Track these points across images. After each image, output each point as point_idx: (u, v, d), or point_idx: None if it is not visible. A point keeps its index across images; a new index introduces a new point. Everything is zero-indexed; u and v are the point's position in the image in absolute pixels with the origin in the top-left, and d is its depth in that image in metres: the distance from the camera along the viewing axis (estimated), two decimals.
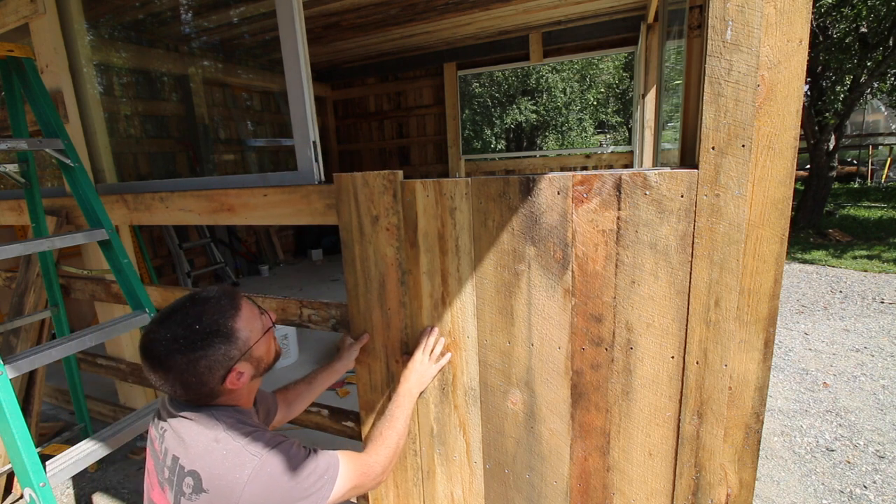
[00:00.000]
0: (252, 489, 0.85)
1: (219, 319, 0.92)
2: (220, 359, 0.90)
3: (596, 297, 1.19)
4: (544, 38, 5.22)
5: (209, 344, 0.89)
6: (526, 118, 14.17)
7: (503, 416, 1.40)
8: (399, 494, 1.66)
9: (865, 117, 14.60)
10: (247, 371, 0.95)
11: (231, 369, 0.92)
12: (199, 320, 0.90)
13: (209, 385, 0.91)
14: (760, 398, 1.10)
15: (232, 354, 0.92)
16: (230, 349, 0.92)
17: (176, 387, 0.90)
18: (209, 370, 0.90)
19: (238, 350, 0.93)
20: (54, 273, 2.19)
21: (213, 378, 0.91)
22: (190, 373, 0.89)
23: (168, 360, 0.88)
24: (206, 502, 0.86)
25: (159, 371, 0.89)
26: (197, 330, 0.89)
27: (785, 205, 1.00)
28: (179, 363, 0.88)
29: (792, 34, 0.93)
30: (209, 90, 5.28)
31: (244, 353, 0.94)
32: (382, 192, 1.41)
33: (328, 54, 5.50)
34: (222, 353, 0.91)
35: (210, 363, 0.89)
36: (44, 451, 2.27)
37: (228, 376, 0.92)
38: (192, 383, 0.90)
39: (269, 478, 0.87)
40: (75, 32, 2.16)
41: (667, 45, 2.49)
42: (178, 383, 0.90)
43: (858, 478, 2.10)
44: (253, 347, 0.96)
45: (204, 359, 0.89)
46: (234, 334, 0.93)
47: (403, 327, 1.49)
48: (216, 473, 0.86)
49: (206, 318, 0.91)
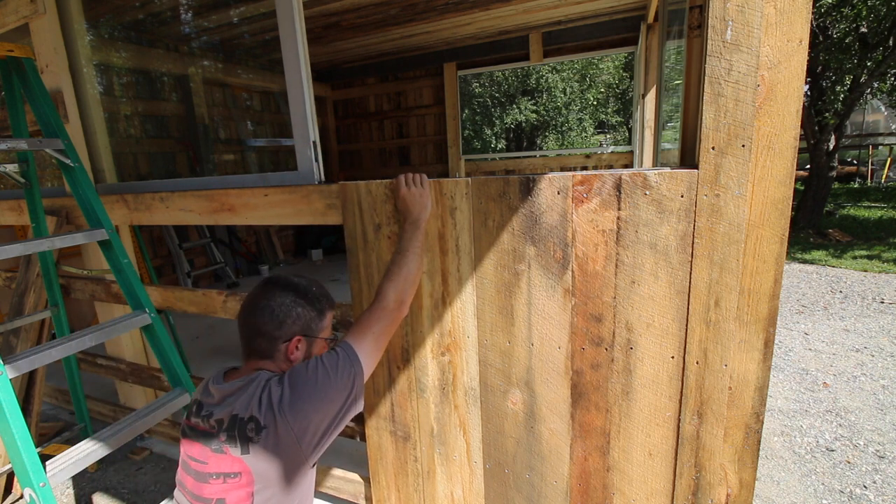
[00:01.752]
0: (294, 409, 0.97)
1: (326, 298, 1.16)
2: (306, 318, 1.09)
3: (596, 297, 1.19)
4: (544, 38, 5.22)
5: (312, 304, 1.10)
6: (526, 118, 14.16)
7: (503, 416, 1.40)
8: (400, 497, 1.67)
9: (865, 117, 14.60)
10: (301, 350, 1.10)
11: (300, 335, 1.08)
12: (318, 288, 1.15)
13: (282, 330, 1.06)
14: (760, 398, 1.10)
15: (312, 326, 1.10)
16: (314, 320, 1.11)
17: (264, 313, 1.05)
18: (294, 320, 1.07)
19: (316, 327, 1.11)
20: (54, 273, 2.19)
21: (289, 328, 1.06)
22: (285, 308, 1.06)
23: (281, 290, 1.07)
24: (269, 437, 0.96)
25: (265, 294, 1.07)
26: (314, 291, 1.13)
27: (785, 205, 1.00)
28: (286, 297, 1.07)
29: (792, 34, 0.93)
30: (209, 90, 5.28)
31: (311, 333, 1.10)
32: (385, 201, 1.41)
33: (328, 54, 5.49)
34: (311, 317, 1.10)
35: (300, 315, 1.07)
36: (44, 451, 2.27)
37: (294, 339, 1.07)
38: (276, 318, 1.05)
39: (301, 391, 1.00)
40: (75, 32, 2.16)
41: (667, 45, 2.49)
42: (268, 311, 1.05)
43: (858, 478, 2.10)
44: (317, 339, 1.12)
45: (301, 307, 1.07)
46: (324, 314, 1.14)
47: (404, 334, 1.49)
48: (266, 407, 0.97)
49: (322, 291, 1.16)
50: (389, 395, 1.58)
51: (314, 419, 0.99)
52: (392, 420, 1.60)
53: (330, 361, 1.05)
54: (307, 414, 0.98)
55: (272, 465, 0.97)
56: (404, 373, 1.53)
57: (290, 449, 0.97)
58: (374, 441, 1.67)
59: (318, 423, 0.99)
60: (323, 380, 1.01)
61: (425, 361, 1.49)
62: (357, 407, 1.08)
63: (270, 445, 0.96)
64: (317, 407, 0.99)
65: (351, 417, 1.07)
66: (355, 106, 6.87)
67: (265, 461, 0.96)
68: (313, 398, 0.99)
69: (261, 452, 0.96)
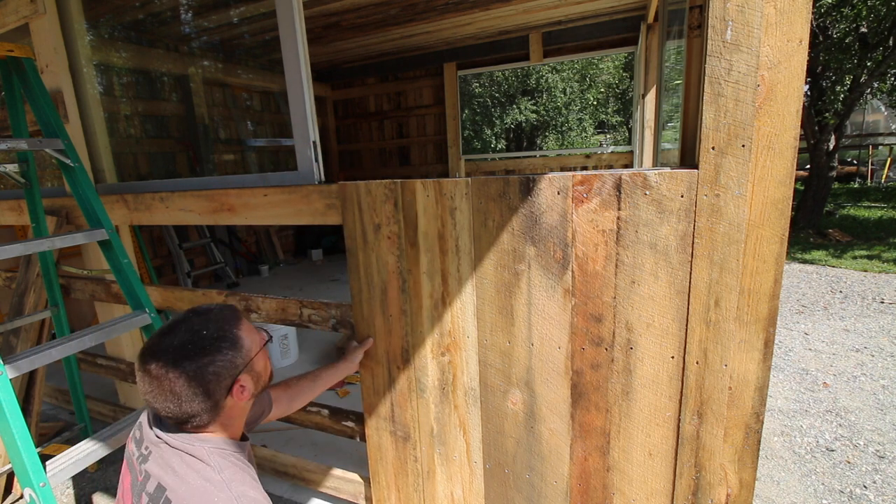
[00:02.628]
0: None
1: (224, 326, 0.92)
2: (227, 366, 0.89)
3: (596, 297, 1.19)
4: (544, 38, 5.22)
5: (217, 349, 0.89)
6: (526, 118, 14.17)
7: (503, 416, 1.40)
8: (400, 497, 1.67)
9: (865, 117, 14.60)
10: (248, 386, 0.94)
11: (236, 380, 0.91)
12: (205, 327, 0.90)
13: (214, 397, 0.89)
14: (760, 398, 1.10)
15: (237, 362, 0.91)
16: (236, 356, 0.91)
17: (177, 402, 0.86)
18: (217, 378, 0.88)
19: (242, 359, 0.92)
20: (54, 273, 2.19)
21: (219, 388, 0.89)
22: (198, 381, 0.86)
23: (177, 368, 0.85)
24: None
25: (164, 383, 0.85)
26: (205, 335, 0.89)
27: (785, 205, 1.00)
28: (188, 370, 0.86)
29: (792, 34, 0.93)
30: (209, 90, 5.28)
31: (247, 364, 0.93)
32: (384, 201, 1.41)
33: (328, 54, 5.49)
34: (229, 359, 0.90)
35: (218, 369, 0.88)
36: (44, 451, 2.27)
37: (234, 388, 0.91)
38: (196, 395, 0.86)
39: None
40: (75, 32, 2.16)
41: (667, 45, 2.49)
42: (185, 396, 0.86)
43: (858, 478, 2.10)
44: (254, 360, 0.95)
45: (212, 364, 0.88)
46: (239, 341, 0.92)
47: (404, 334, 1.49)
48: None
49: (213, 325, 0.91)
50: (389, 395, 1.58)
51: None
52: (392, 420, 1.60)
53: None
54: None
55: None
56: (404, 373, 1.53)
57: None
58: (374, 441, 1.67)
59: None
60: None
61: (425, 361, 1.49)
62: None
63: None
64: None
65: None
66: (355, 106, 6.87)
67: None
68: None
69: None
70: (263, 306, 1.78)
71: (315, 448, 2.35)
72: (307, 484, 2.02)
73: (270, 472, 2.10)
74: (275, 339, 3.27)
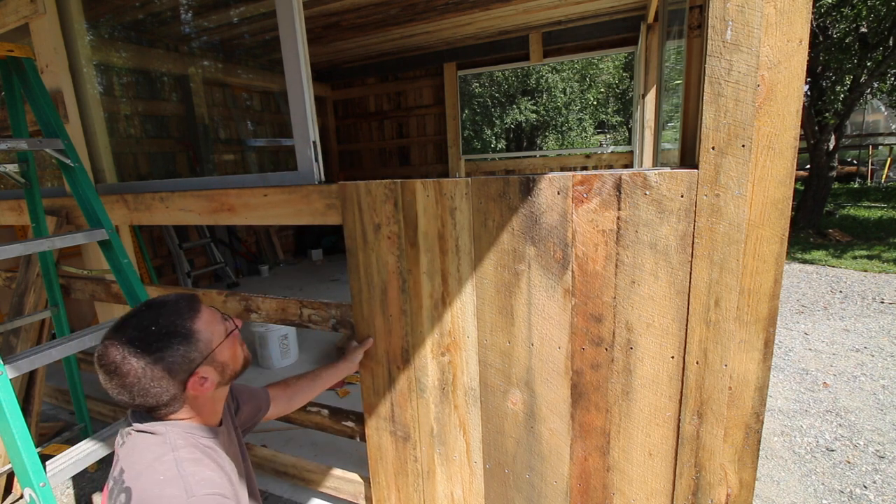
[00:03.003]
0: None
1: (176, 320, 0.90)
2: (179, 360, 0.88)
3: (596, 297, 1.19)
4: (544, 38, 5.22)
5: (167, 345, 0.87)
6: (526, 118, 14.17)
7: (503, 416, 1.40)
8: (400, 497, 1.67)
9: (865, 117, 14.59)
10: (211, 376, 0.93)
11: (193, 373, 0.90)
12: (155, 322, 0.88)
13: (171, 391, 0.88)
14: (760, 398, 1.10)
15: (192, 356, 0.90)
16: (190, 350, 0.89)
17: (135, 395, 0.86)
18: (169, 373, 0.87)
19: (199, 352, 0.91)
20: (54, 273, 2.19)
21: (174, 382, 0.88)
22: (149, 377, 0.85)
23: (125, 366, 0.85)
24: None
25: (115, 379, 0.85)
26: (153, 332, 0.87)
27: (785, 205, 1.00)
28: (136, 368, 0.85)
29: (792, 34, 0.93)
30: (209, 90, 5.28)
31: (206, 357, 0.92)
32: (384, 201, 1.41)
33: (328, 54, 5.49)
34: (181, 354, 0.88)
35: (169, 365, 0.87)
36: (44, 451, 2.27)
37: (190, 380, 0.90)
38: (152, 389, 0.86)
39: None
40: (75, 32, 2.16)
41: (667, 45, 2.49)
42: (138, 390, 0.86)
43: (858, 478, 2.10)
44: (216, 351, 0.94)
45: (162, 361, 0.86)
46: (193, 335, 0.90)
47: (404, 334, 1.49)
48: (147, 497, 0.82)
49: (163, 319, 0.89)
50: (389, 395, 1.58)
51: None
52: (392, 420, 1.60)
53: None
54: None
55: None
56: (404, 373, 1.53)
57: None
58: (374, 441, 1.67)
59: None
60: None
61: (425, 361, 1.49)
62: None
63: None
64: None
65: None
66: (355, 106, 6.87)
67: None
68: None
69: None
70: (263, 306, 1.78)
71: (315, 448, 2.35)
72: (307, 484, 2.02)
73: (270, 472, 2.10)
74: (275, 339, 3.27)
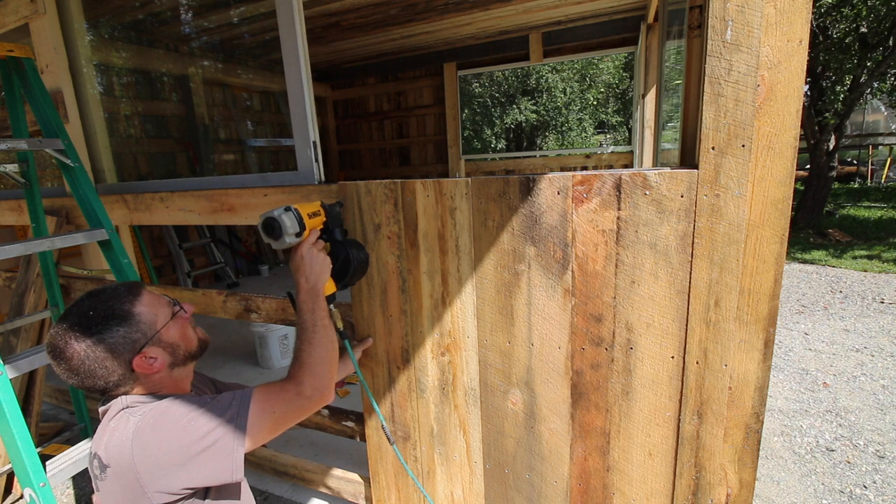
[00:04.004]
0: (140, 442, 0.84)
1: (114, 304, 0.92)
2: (120, 342, 0.90)
3: (596, 297, 1.19)
4: (544, 38, 5.22)
5: (105, 328, 0.89)
6: (526, 118, 14.16)
7: (503, 416, 1.40)
8: (400, 497, 1.67)
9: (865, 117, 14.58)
10: (160, 356, 0.94)
11: (138, 353, 0.92)
12: (93, 307, 0.91)
13: (117, 371, 0.90)
14: (760, 398, 1.10)
15: (135, 338, 0.92)
16: (131, 332, 0.91)
17: (83, 377, 0.89)
18: (112, 353, 0.89)
19: (142, 334, 0.93)
20: (54, 273, 2.19)
21: (118, 363, 0.90)
22: (92, 359, 0.88)
23: (67, 350, 0.88)
24: (112, 477, 0.86)
25: (62, 363, 0.89)
26: (91, 316, 0.90)
27: (785, 205, 1.00)
28: (79, 351, 0.88)
29: (792, 34, 0.93)
30: (209, 90, 5.28)
31: (151, 338, 0.93)
32: (384, 201, 1.41)
33: (328, 54, 5.49)
34: (121, 335, 0.90)
35: (111, 346, 0.89)
36: (44, 451, 2.27)
37: (136, 360, 0.91)
38: (98, 370, 0.89)
39: (155, 422, 0.85)
40: (75, 32, 2.16)
41: (667, 45, 2.49)
42: (84, 372, 0.89)
43: (858, 478, 2.10)
44: (161, 332, 0.95)
45: (102, 343, 0.89)
46: (132, 317, 0.92)
47: (404, 334, 1.49)
48: (110, 444, 0.86)
49: (101, 305, 0.92)
50: (389, 395, 1.58)
51: (165, 466, 0.84)
52: (392, 420, 1.60)
53: (207, 410, 0.88)
54: (158, 461, 0.84)
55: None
56: (404, 373, 1.53)
57: (134, 494, 0.85)
58: (374, 441, 1.67)
59: (170, 474, 0.84)
60: (186, 425, 0.86)
61: (425, 361, 1.49)
62: (229, 476, 0.88)
63: (111, 487, 0.86)
64: (172, 458, 0.84)
65: (222, 483, 0.89)
66: (355, 106, 6.87)
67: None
68: (170, 443, 0.85)
69: (107, 495, 0.87)
70: (263, 306, 1.78)
71: (315, 448, 2.35)
72: (307, 484, 2.02)
73: (270, 472, 2.10)
74: (275, 339, 3.27)
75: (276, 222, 1.09)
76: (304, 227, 1.14)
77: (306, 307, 1.10)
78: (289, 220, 1.10)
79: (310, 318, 1.08)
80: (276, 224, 1.09)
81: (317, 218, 1.22)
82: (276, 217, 1.09)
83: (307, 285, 1.12)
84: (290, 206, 1.13)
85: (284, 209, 1.11)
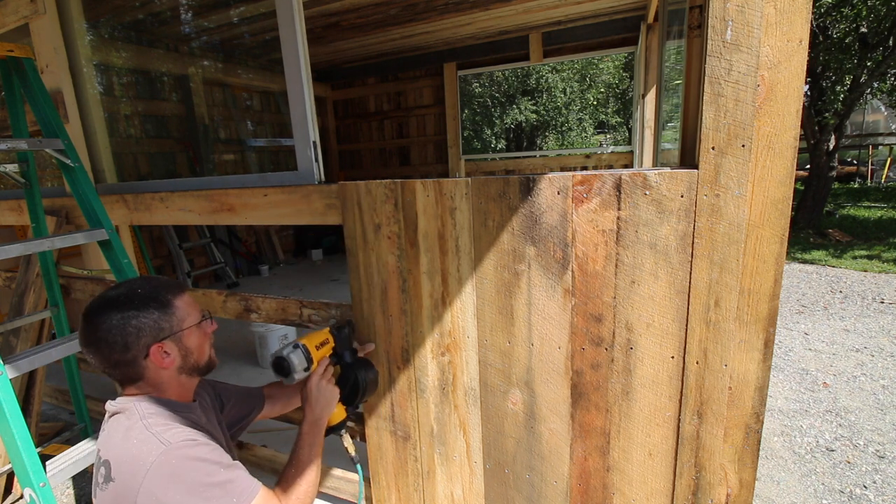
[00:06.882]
0: (154, 476, 0.83)
1: (160, 291, 0.97)
2: (150, 324, 0.93)
3: (596, 297, 1.19)
4: (544, 38, 5.22)
5: (144, 306, 0.93)
6: (526, 118, 14.17)
7: (503, 416, 1.40)
8: (400, 497, 1.67)
9: (865, 117, 14.58)
10: (173, 353, 0.97)
11: (158, 341, 0.94)
12: (142, 286, 0.97)
13: (132, 351, 0.92)
14: (760, 398, 1.10)
15: (162, 325, 0.95)
16: (161, 319, 0.94)
17: (101, 345, 0.91)
18: (137, 333, 0.92)
19: (169, 325, 0.96)
20: (54, 273, 2.19)
21: (137, 344, 0.92)
22: (117, 330, 0.90)
23: (104, 313, 0.91)
24: (112, 492, 0.85)
25: (90, 327, 0.91)
26: (138, 293, 0.95)
27: (785, 205, 1.00)
28: (114, 317, 0.90)
29: (792, 34, 0.93)
30: (209, 90, 5.29)
31: (175, 332, 0.96)
32: (384, 201, 1.41)
33: (328, 54, 5.50)
34: (154, 319, 0.93)
35: (140, 325, 0.92)
36: (44, 451, 2.27)
37: (153, 348, 0.93)
38: (117, 343, 0.91)
39: (174, 469, 0.84)
40: (75, 32, 2.16)
41: (667, 45, 2.49)
42: (106, 341, 0.90)
43: (858, 478, 2.10)
44: (185, 332, 0.98)
45: (135, 318, 0.91)
46: (170, 306, 0.96)
47: (404, 334, 1.49)
48: (124, 459, 0.86)
49: (149, 287, 0.97)
50: (389, 395, 1.58)
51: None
52: (392, 420, 1.60)
53: (222, 493, 0.86)
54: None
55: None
56: (404, 373, 1.53)
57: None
58: (373, 441, 1.67)
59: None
60: (197, 482, 0.85)
61: (425, 361, 1.49)
62: None
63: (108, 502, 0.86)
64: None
65: None
66: (355, 106, 6.87)
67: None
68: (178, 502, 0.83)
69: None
70: (263, 306, 1.78)
71: None
72: None
73: (270, 472, 2.10)
74: (275, 339, 3.27)
75: (286, 361, 1.15)
76: (311, 361, 1.19)
77: (306, 440, 1.13)
78: (297, 359, 1.15)
79: (307, 452, 1.12)
80: (286, 363, 1.14)
81: (325, 347, 1.27)
82: (286, 357, 1.15)
83: (312, 416, 1.16)
84: (298, 342, 1.19)
85: (293, 346, 1.17)
